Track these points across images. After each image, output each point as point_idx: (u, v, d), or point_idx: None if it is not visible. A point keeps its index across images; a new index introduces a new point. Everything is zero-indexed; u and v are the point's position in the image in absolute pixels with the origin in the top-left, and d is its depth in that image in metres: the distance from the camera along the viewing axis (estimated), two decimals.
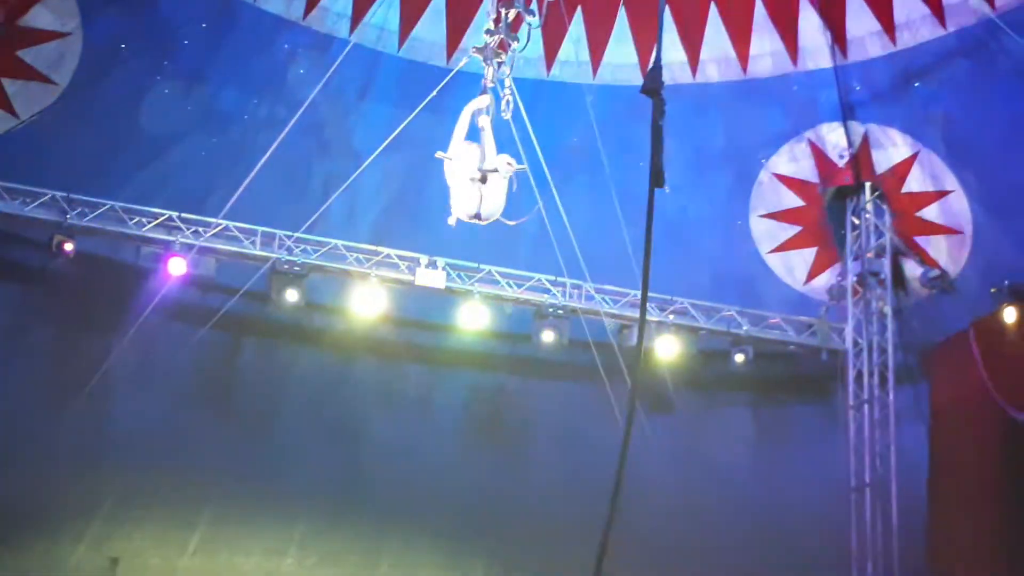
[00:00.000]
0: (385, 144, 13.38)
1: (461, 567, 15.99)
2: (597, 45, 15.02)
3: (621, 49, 14.97)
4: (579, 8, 14.81)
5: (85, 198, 13.99)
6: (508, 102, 10.39)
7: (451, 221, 9.24)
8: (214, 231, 14.31)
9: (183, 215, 14.29)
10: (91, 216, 13.99)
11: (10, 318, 14.65)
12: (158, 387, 15.12)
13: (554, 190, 13.59)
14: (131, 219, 14.14)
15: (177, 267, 14.14)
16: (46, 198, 13.89)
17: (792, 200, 15.47)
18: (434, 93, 12.88)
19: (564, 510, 15.54)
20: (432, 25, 14.93)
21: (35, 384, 14.57)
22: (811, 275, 15.77)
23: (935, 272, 14.92)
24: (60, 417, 14.46)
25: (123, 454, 14.82)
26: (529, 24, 9.80)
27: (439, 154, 9.37)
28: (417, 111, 12.77)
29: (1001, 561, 13.52)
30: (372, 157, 13.60)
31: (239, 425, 15.34)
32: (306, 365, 15.98)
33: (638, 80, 14.85)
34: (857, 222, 15.38)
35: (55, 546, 14.80)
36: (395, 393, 16.24)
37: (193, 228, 14.27)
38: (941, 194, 14.65)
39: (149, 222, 14.19)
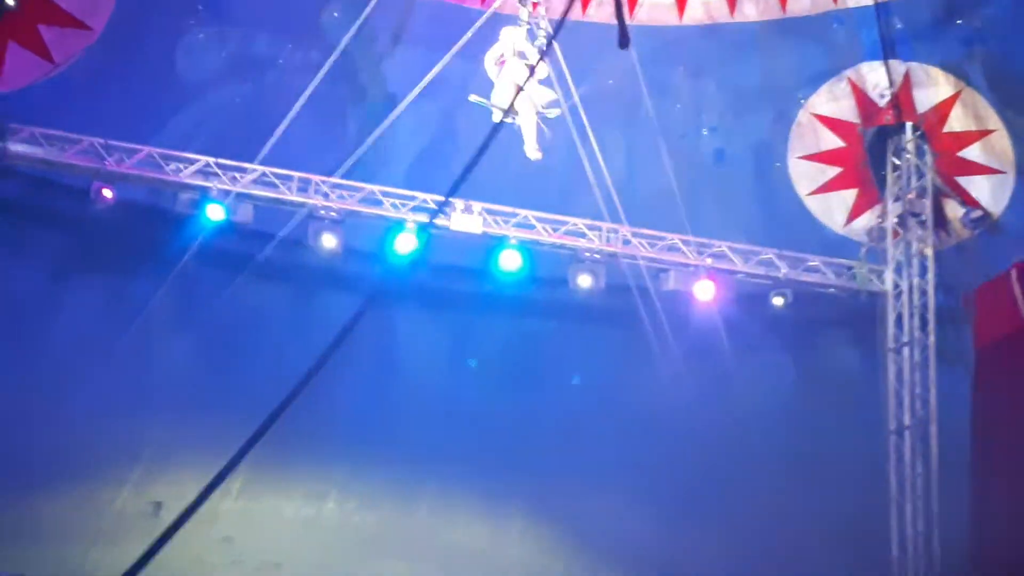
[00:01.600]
0: (420, 88, 13.33)
1: (498, 512, 16.12)
2: None
3: None
4: None
5: (122, 144, 14.01)
6: (543, 43, 10.39)
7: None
8: (251, 177, 14.30)
9: (220, 161, 14.28)
10: (129, 162, 14.02)
11: (51, 264, 14.79)
12: (198, 332, 15.25)
13: (590, 132, 13.51)
14: (168, 165, 14.14)
15: (215, 213, 14.18)
16: (84, 144, 13.91)
17: (832, 141, 15.29)
18: (469, 35, 12.80)
19: (601, 455, 15.63)
20: None
21: (76, 329, 14.73)
22: (851, 217, 15.62)
23: (977, 213, 14.76)
24: (102, 363, 14.61)
25: (165, 400, 15.00)
26: None
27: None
28: (451, 53, 12.69)
29: None
30: (406, 101, 13.56)
31: (278, 370, 15.43)
32: (343, 310, 15.99)
33: (675, 20, 14.79)
34: (898, 163, 15.20)
35: (99, 490, 15.04)
36: (432, 338, 16.30)
37: (230, 174, 14.26)
38: (983, 133, 14.45)
39: (186, 168, 14.19)
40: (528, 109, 10.19)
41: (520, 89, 10.08)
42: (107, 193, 13.92)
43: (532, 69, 10.27)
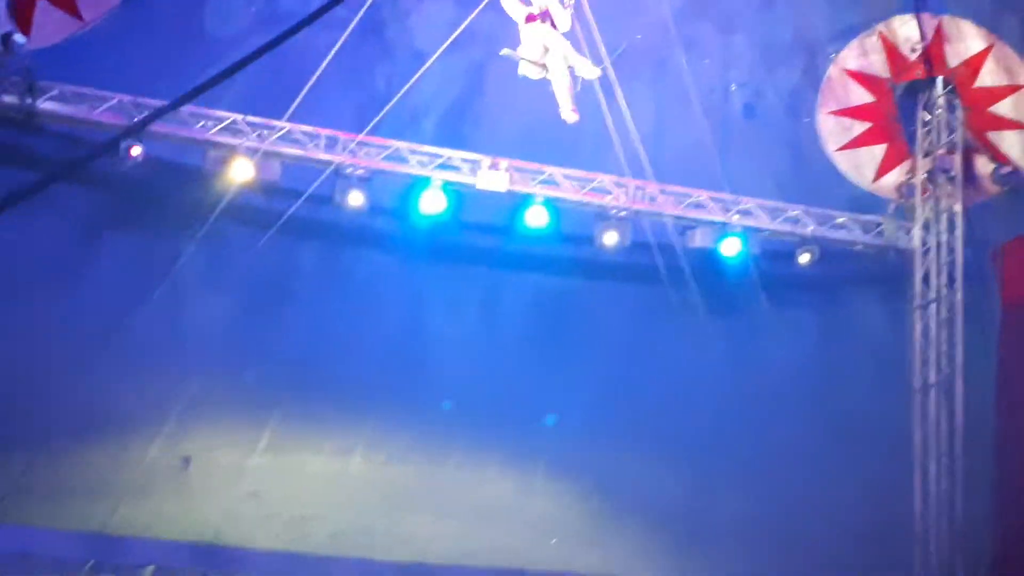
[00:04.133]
0: (447, 44, 13.28)
1: (523, 466, 16.20)
2: None
3: None
4: None
5: (152, 101, 14.02)
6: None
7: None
8: (278, 134, 14.32)
9: (248, 118, 14.31)
10: (158, 119, 14.04)
11: (81, 221, 14.86)
12: (226, 290, 15.32)
13: (617, 88, 13.45)
14: (197, 122, 14.17)
15: (243, 170, 14.20)
16: (113, 102, 13.94)
17: (862, 96, 15.19)
18: None
19: (627, 411, 15.68)
20: None
21: (106, 288, 14.81)
22: (880, 173, 15.53)
23: (1007, 169, 14.67)
24: (132, 320, 14.72)
25: (194, 356, 15.10)
26: None
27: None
28: (479, 9, 12.63)
29: None
30: (433, 58, 13.50)
31: (306, 327, 15.54)
32: (370, 267, 16.11)
33: None
34: (928, 118, 15.10)
35: (129, 446, 15.15)
36: (458, 296, 16.33)
37: (258, 131, 14.29)
38: (1015, 88, 14.37)
39: (215, 125, 14.22)
40: (560, 70, 10.05)
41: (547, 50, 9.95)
42: (136, 151, 13.94)
43: (553, 23, 10.14)
